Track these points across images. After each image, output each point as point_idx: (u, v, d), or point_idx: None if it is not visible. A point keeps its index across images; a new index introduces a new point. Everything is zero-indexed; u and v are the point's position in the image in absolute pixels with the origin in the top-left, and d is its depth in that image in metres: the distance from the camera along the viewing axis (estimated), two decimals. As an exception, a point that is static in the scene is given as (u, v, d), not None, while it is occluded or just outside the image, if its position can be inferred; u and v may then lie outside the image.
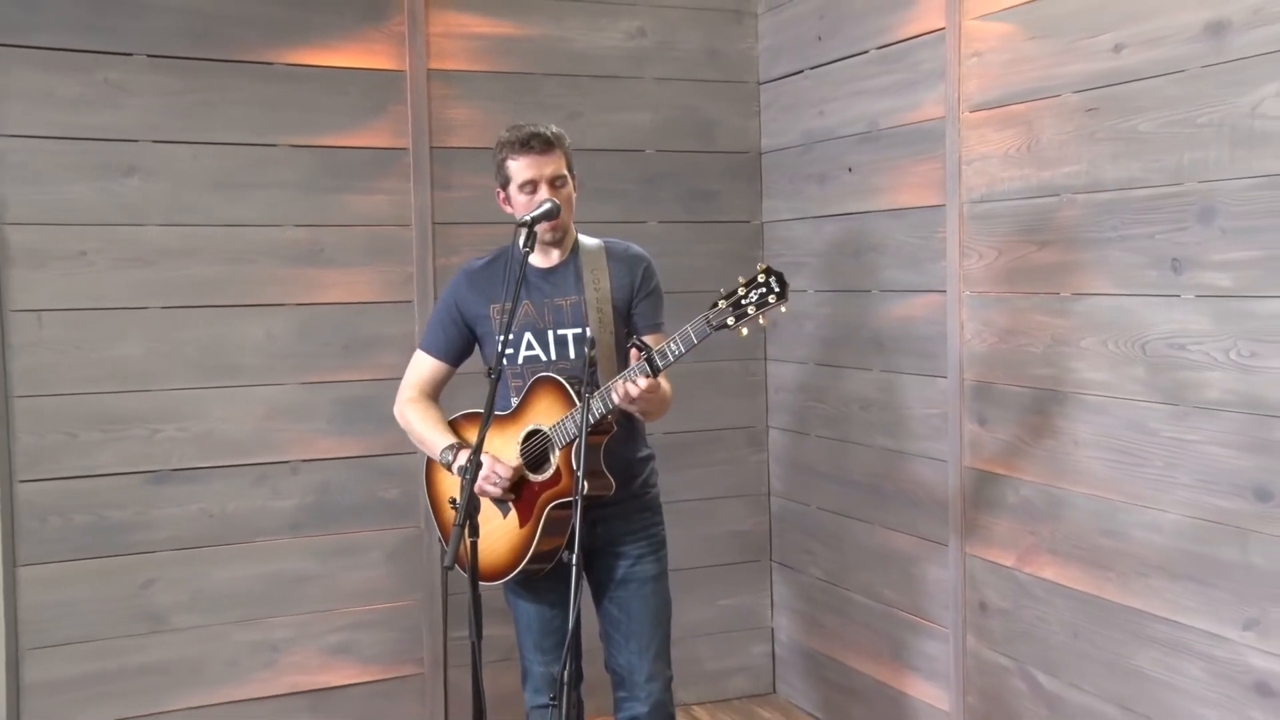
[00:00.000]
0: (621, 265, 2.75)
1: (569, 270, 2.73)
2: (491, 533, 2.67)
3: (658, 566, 2.76)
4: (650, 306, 2.76)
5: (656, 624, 2.73)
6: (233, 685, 3.49)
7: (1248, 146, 2.37)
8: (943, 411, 3.27)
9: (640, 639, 2.71)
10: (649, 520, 2.78)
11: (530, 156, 2.62)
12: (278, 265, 3.50)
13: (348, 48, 3.53)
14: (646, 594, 2.72)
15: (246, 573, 3.50)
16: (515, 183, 2.65)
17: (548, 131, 2.64)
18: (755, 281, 2.35)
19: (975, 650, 3.20)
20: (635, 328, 2.72)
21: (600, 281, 2.70)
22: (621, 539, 2.73)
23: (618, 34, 3.86)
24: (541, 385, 2.63)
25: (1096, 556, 2.79)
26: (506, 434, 2.67)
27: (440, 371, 2.84)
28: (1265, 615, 2.39)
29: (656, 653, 2.72)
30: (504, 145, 2.66)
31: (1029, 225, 2.94)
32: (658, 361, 2.42)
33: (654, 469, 2.84)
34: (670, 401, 2.69)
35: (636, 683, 2.71)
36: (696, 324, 2.38)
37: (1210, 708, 2.52)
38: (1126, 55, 2.64)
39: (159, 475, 3.39)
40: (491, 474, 2.60)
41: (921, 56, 3.28)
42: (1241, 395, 2.42)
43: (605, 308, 2.68)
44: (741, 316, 2.35)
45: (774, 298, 2.33)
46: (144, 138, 3.34)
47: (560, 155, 2.66)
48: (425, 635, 3.69)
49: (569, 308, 2.70)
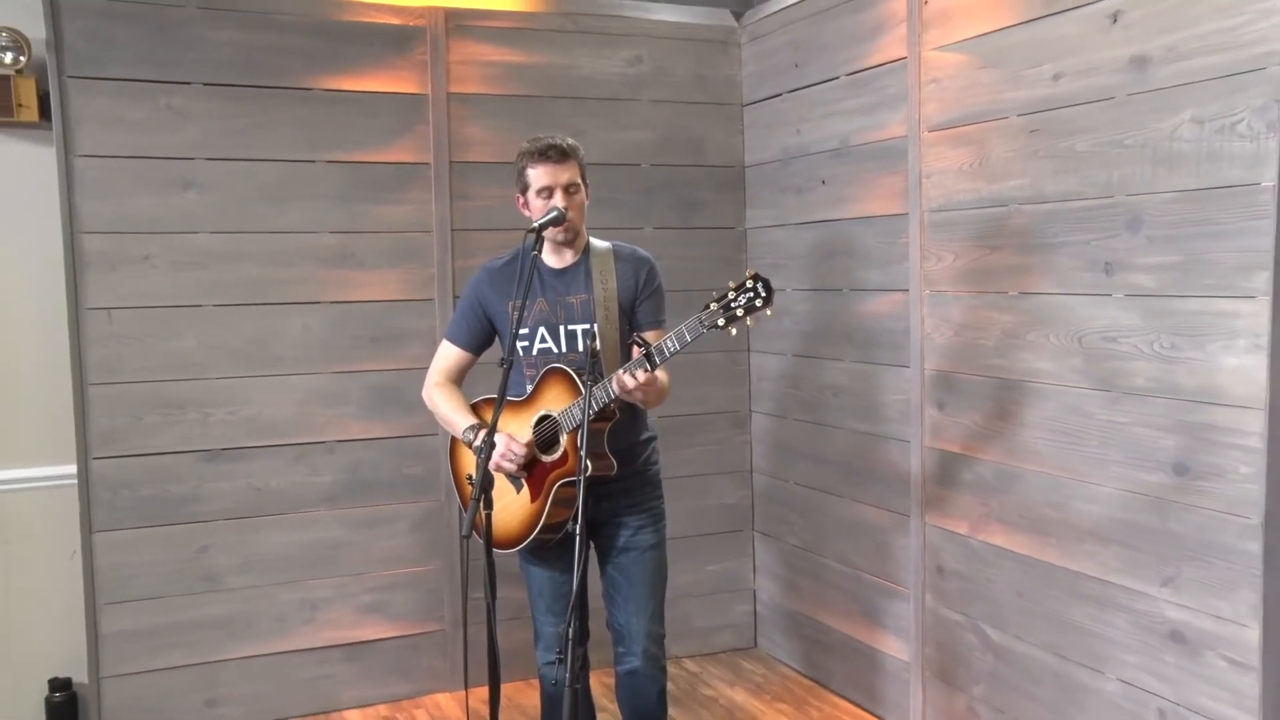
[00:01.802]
0: (627, 266, 2.71)
1: (580, 270, 2.70)
2: (506, 506, 2.67)
3: (656, 536, 2.74)
4: (653, 305, 2.72)
5: (652, 587, 2.71)
6: (279, 638, 3.53)
7: (1167, 165, 2.41)
8: (906, 398, 3.28)
9: (637, 601, 2.69)
10: (650, 494, 2.76)
11: (547, 165, 2.59)
12: (315, 267, 3.51)
13: (378, 75, 3.54)
14: (645, 560, 2.70)
15: (289, 540, 3.53)
16: (533, 189, 2.61)
17: (564, 143, 2.61)
18: (744, 286, 2.33)
19: (933, 608, 3.22)
20: (638, 324, 2.69)
21: (608, 281, 2.67)
22: (624, 511, 2.71)
23: (618, 62, 3.85)
24: (552, 375, 2.62)
25: (1040, 525, 2.81)
26: (521, 417, 2.67)
27: (463, 360, 2.82)
28: (1180, 574, 2.44)
29: (651, 613, 2.70)
30: (524, 154, 2.63)
31: (981, 232, 2.95)
32: (655, 358, 2.41)
33: (655, 448, 2.82)
34: (668, 392, 2.66)
35: (633, 639, 2.69)
36: (690, 324, 2.37)
37: (1133, 654, 2.57)
38: (1064, 84, 2.66)
39: (211, 454, 3.42)
40: (508, 451, 2.59)
41: (886, 82, 3.28)
42: (1164, 383, 2.45)
43: (611, 305, 2.65)
44: (731, 319, 2.34)
45: (760, 302, 2.32)
46: (199, 156, 3.36)
47: (575, 165, 2.62)
48: (446, 596, 3.71)
49: (579, 305, 2.68)
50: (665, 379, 2.63)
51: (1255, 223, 2.24)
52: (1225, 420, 2.33)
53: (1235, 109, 2.26)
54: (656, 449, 2.84)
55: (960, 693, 3.15)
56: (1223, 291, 2.32)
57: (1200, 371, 2.38)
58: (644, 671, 2.70)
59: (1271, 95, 2.19)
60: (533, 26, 3.75)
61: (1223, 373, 2.33)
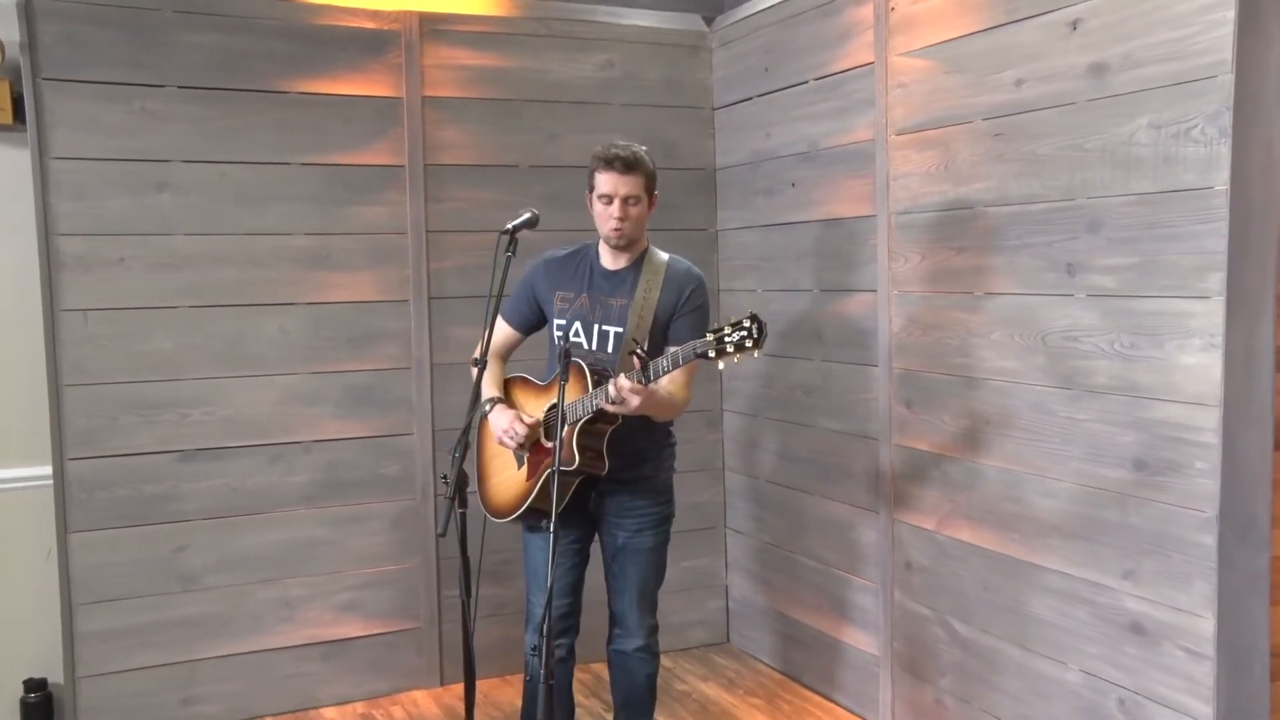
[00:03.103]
0: (674, 281, 2.71)
1: (630, 276, 2.72)
2: (506, 479, 2.78)
3: (655, 539, 2.80)
4: (690, 324, 2.69)
5: (646, 584, 2.81)
6: (256, 637, 3.51)
7: (1126, 169, 2.44)
8: (875, 396, 3.30)
9: (632, 594, 2.80)
10: (655, 500, 2.79)
11: (611, 174, 2.63)
12: (291, 269, 3.49)
13: (353, 78, 3.53)
14: (641, 561, 2.78)
15: (266, 539, 3.51)
16: (597, 192, 2.66)
17: (631, 155, 2.63)
18: (739, 325, 2.33)
19: (901, 602, 3.24)
20: (671, 339, 2.67)
21: (651, 291, 2.68)
22: (626, 511, 2.76)
23: (590, 66, 3.85)
24: (572, 367, 2.61)
25: (1004, 520, 2.84)
26: (540, 400, 2.75)
27: (512, 338, 2.90)
28: (1139, 567, 2.47)
29: (644, 607, 2.81)
30: (596, 158, 2.66)
31: (947, 234, 2.97)
32: (650, 370, 2.43)
33: (670, 455, 2.84)
34: (677, 406, 2.67)
35: (629, 626, 2.82)
36: (685, 349, 2.40)
37: (1094, 645, 2.60)
38: (1026, 89, 2.69)
39: (188, 454, 3.40)
40: (510, 428, 2.68)
41: (854, 87, 3.30)
42: (1123, 381, 2.48)
43: (647, 314, 2.66)
44: (721, 353, 2.34)
45: (750, 343, 2.31)
46: (175, 158, 3.34)
47: (639, 178, 2.64)
48: (422, 594, 3.70)
49: (618, 308, 2.70)
50: (673, 394, 2.64)
51: (1209, 225, 2.28)
52: (1182, 417, 2.36)
53: (1189, 115, 2.30)
54: (672, 455, 2.86)
55: (928, 685, 3.17)
56: (1179, 292, 2.35)
57: (1158, 370, 2.41)
58: (637, 654, 2.82)
59: (1223, 102, 2.23)
60: (506, 31, 3.75)
61: (1179, 371, 2.36)
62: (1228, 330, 2.25)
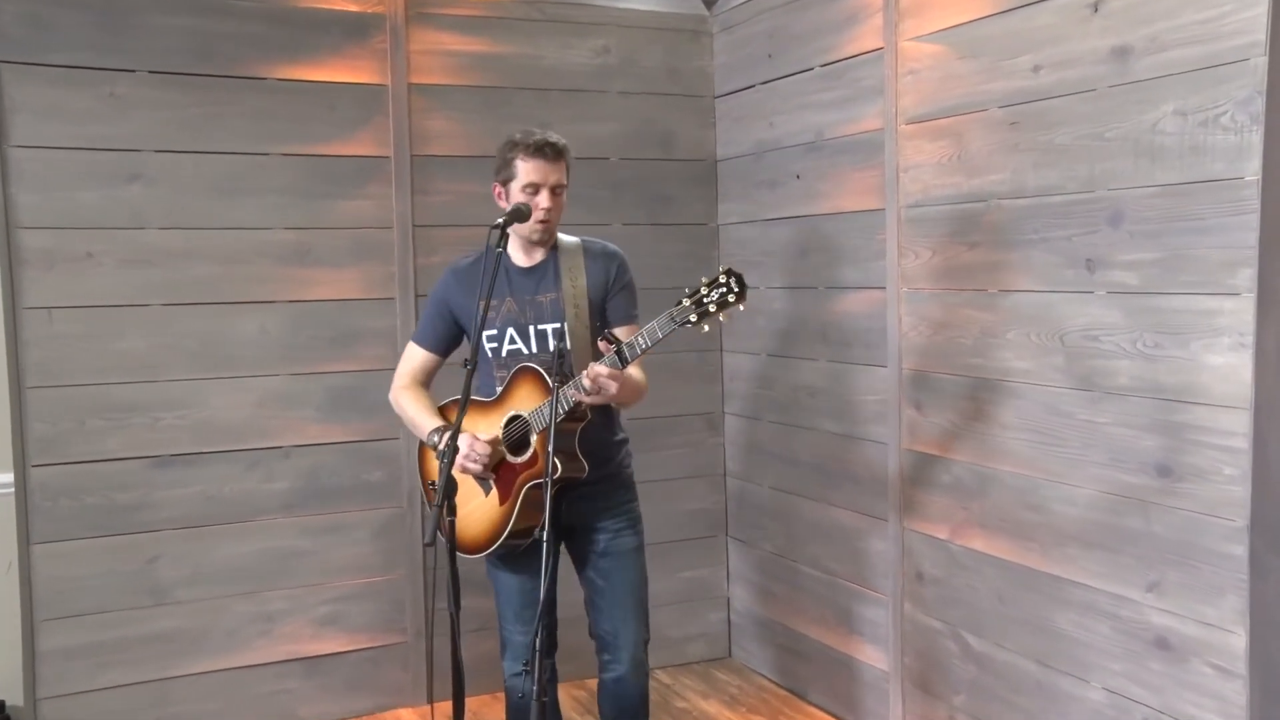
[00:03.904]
0: (597, 262, 2.72)
1: (548, 268, 2.71)
2: (474, 510, 2.67)
3: (636, 539, 2.77)
4: (624, 301, 2.73)
5: (636, 592, 2.75)
6: (232, 653, 3.48)
7: (1149, 158, 2.43)
8: (883, 398, 3.29)
9: (623, 606, 2.72)
10: (625, 497, 2.78)
11: (540, 161, 2.60)
12: (271, 265, 3.47)
13: (335, 64, 3.51)
14: (627, 565, 2.73)
15: (243, 549, 3.48)
16: (519, 182, 2.62)
17: (560, 142, 2.63)
18: (716, 282, 2.32)
19: (912, 615, 3.23)
20: (610, 321, 2.69)
21: (577, 278, 2.68)
22: (601, 515, 2.73)
23: (585, 52, 3.84)
24: (523, 375, 2.62)
25: (1020, 529, 2.82)
26: (490, 418, 2.67)
27: (430, 361, 2.83)
28: (1164, 578, 2.46)
29: (637, 618, 2.74)
30: (516, 145, 2.63)
31: (960, 228, 2.97)
32: (626, 353, 2.41)
33: (629, 451, 2.84)
34: (644, 390, 2.68)
35: (619, 645, 2.72)
36: (662, 320, 2.36)
37: (1117, 661, 2.58)
38: (1044, 75, 2.68)
39: (161, 460, 3.37)
40: (471, 452, 2.59)
41: (862, 74, 3.29)
42: (1146, 382, 2.47)
43: (581, 303, 2.66)
44: (704, 315, 2.33)
45: (733, 297, 2.30)
46: (147, 147, 3.31)
47: (565, 165, 2.65)
48: (408, 607, 3.69)
49: (548, 304, 2.69)
50: (641, 377, 2.66)
51: (1239, 218, 2.26)
52: (1209, 420, 2.35)
53: (1218, 101, 2.28)
54: (630, 452, 2.86)
55: (940, 702, 3.16)
56: (1206, 288, 2.34)
57: (1183, 370, 2.39)
58: (631, 679, 2.74)
59: (1255, 87, 2.21)
60: (497, 15, 3.73)
61: (1206, 371, 2.34)
62: (1259, 328, 2.23)
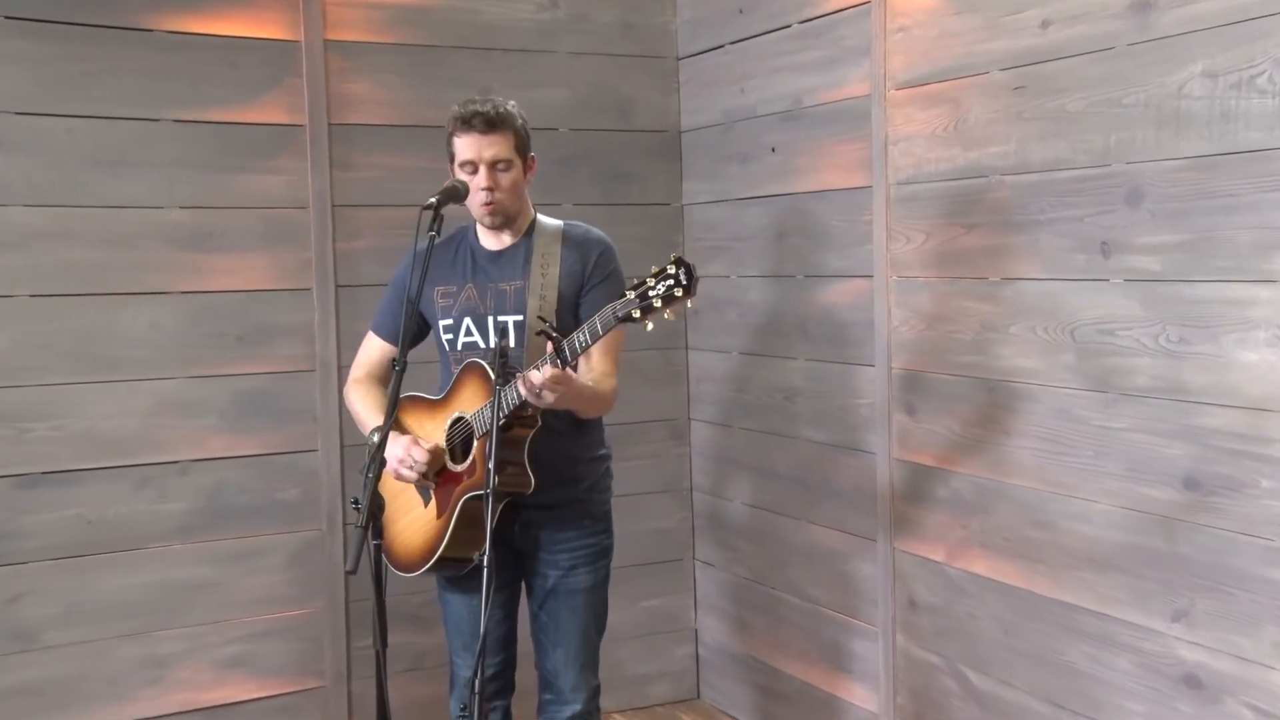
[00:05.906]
0: (575, 251, 2.71)
1: (519, 253, 2.71)
2: (413, 521, 2.70)
3: (593, 578, 2.76)
4: (603, 295, 2.65)
5: (586, 635, 2.75)
6: (114, 705, 3.41)
7: (1174, 127, 2.43)
8: (871, 402, 3.30)
9: (568, 649, 2.73)
10: (590, 529, 2.76)
11: (471, 136, 2.60)
12: (162, 250, 3.43)
13: (236, 15, 3.48)
14: (577, 605, 2.73)
15: (130, 582, 3.43)
16: (457, 161, 2.64)
17: (493, 110, 2.60)
18: (664, 272, 2.29)
19: (905, 649, 3.24)
20: (583, 319, 2.61)
21: (550, 266, 2.67)
22: (556, 545, 2.72)
23: (529, 5, 3.84)
24: (470, 371, 2.62)
25: (1027, 549, 2.84)
26: (437, 419, 2.68)
27: (389, 353, 2.82)
28: (1193, 606, 2.46)
29: (584, 663, 2.75)
30: (451, 120, 2.65)
31: (957, 208, 2.98)
32: (565, 351, 2.38)
33: (608, 472, 2.83)
34: (605, 398, 2.67)
35: (562, 689, 2.74)
36: (604, 315, 2.35)
37: (1139, 701, 2.59)
38: (1053, 32, 2.68)
39: (30, 479, 3.30)
40: (407, 457, 2.59)
41: (846, 31, 3.30)
42: (1170, 382, 2.47)
43: (550, 294, 2.65)
44: (647, 309, 2.29)
45: (680, 291, 2.26)
46: (8, 109, 3.24)
47: (505, 137, 2.61)
48: (327, 645, 3.66)
49: (512, 293, 2.69)
50: (602, 385, 2.66)
51: (1276, 194, 2.26)
52: (1242, 425, 2.35)
53: (1254, 60, 2.27)
54: (609, 474, 2.86)
55: (936, 748, 3.17)
56: (1238, 275, 2.34)
57: (1212, 369, 2.40)
58: None
59: (1295, 44, 2.22)
60: (427, -39, 3.75)
61: (1238, 369, 2.35)
62: (1298, 320, 2.26)
